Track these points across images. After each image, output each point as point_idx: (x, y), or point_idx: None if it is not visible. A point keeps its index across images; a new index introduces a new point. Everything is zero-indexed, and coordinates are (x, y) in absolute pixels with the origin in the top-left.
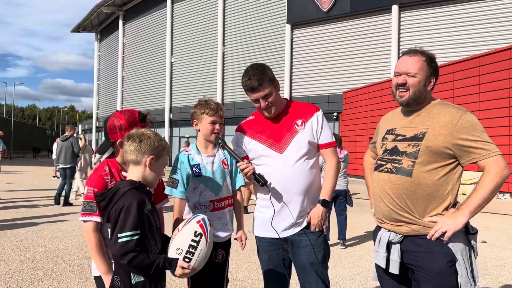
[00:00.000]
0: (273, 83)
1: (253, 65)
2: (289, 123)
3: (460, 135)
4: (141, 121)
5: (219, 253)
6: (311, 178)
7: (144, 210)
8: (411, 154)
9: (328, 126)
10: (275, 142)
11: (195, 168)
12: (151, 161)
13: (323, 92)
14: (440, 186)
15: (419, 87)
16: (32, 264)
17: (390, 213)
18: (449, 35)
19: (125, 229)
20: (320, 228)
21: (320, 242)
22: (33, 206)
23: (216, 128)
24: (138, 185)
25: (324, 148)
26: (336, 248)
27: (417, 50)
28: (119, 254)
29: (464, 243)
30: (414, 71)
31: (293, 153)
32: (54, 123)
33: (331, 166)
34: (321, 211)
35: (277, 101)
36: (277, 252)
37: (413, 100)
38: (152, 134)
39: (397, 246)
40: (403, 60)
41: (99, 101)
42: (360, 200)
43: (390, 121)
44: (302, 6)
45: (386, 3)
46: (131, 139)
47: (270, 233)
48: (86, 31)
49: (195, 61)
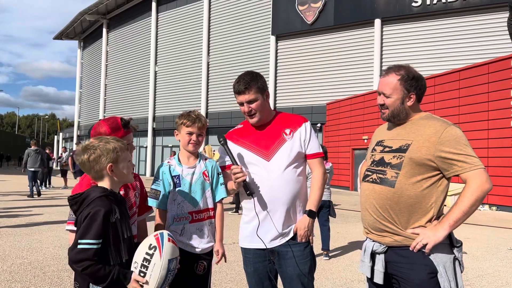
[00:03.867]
0: (261, 92)
1: (248, 71)
2: (278, 132)
3: (443, 148)
4: (124, 127)
5: (200, 265)
6: (298, 187)
7: (110, 219)
8: (395, 165)
9: (315, 137)
10: (262, 149)
11: (176, 179)
12: (111, 168)
13: (306, 103)
14: (423, 198)
15: (396, 106)
16: (10, 276)
17: (375, 223)
18: (430, 49)
19: (87, 236)
20: (306, 239)
21: (307, 253)
22: (11, 216)
23: (192, 139)
24: (108, 193)
25: (311, 158)
26: (319, 259)
27: (393, 68)
28: (75, 260)
29: (447, 255)
30: (388, 92)
31: (280, 161)
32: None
33: (318, 176)
34: (308, 222)
35: (263, 109)
36: (263, 264)
37: (393, 118)
38: (97, 142)
39: (381, 257)
40: (380, 80)
41: (80, 109)
42: (343, 211)
43: (381, 133)
44: (286, 18)
45: (369, 16)
46: (80, 158)
47: (256, 244)
48: (69, 39)
49: (179, 70)
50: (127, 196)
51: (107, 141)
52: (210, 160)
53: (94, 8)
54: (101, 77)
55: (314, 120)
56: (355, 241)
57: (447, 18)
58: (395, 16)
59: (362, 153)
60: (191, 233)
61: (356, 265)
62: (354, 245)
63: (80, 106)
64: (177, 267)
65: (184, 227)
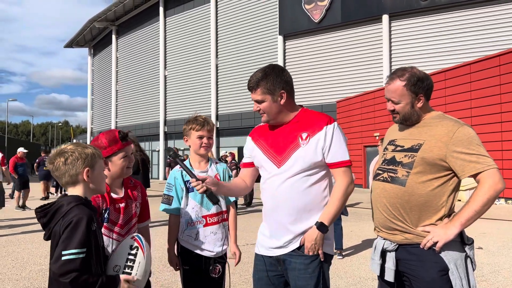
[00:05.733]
0: (270, 93)
1: (269, 66)
2: (294, 135)
3: (455, 148)
4: (122, 139)
5: (215, 268)
6: (308, 198)
7: (92, 226)
8: (407, 164)
9: (341, 142)
10: (276, 154)
11: (188, 184)
12: (88, 173)
13: (316, 102)
14: (434, 197)
15: (407, 110)
16: (29, 283)
17: (385, 222)
18: (439, 43)
19: (71, 246)
20: (314, 252)
21: (313, 268)
22: (28, 224)
23: (204, 142)
24: (84, 201)
25: (333, 168)
26: (333, 258)
27: (396, 73)
28: (61, 272)
29: (458, 252)
30: (396, 99)
31: (289, 169)
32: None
33: (338, 188)
34: (316, 235)
35: (271, 111)
36: (266, 275)
37: (405, 121)
38: (74, 147)
39: (392, 254)
40: (386, 88)
41: (93, 115)
42: (356, 209)
43: (394, 132)
44: (293, 17)
45: (376, 13)
46: (54, 162)
47: (264, 251)
48: (79, 46)
49: (188, 73)
50: (128, 207)
51: (84, 146)
52: (221, 164)
53: (103, 15)
54: (112, 83)
55: None
56: (369, 239)
57: (456, 11)
58: (403, 11)
59: (374, 150)
60: (205, 236)
61: (370, 263)
62: (367, 243)
63: (92, 113)
64: None
65: (198, 231)
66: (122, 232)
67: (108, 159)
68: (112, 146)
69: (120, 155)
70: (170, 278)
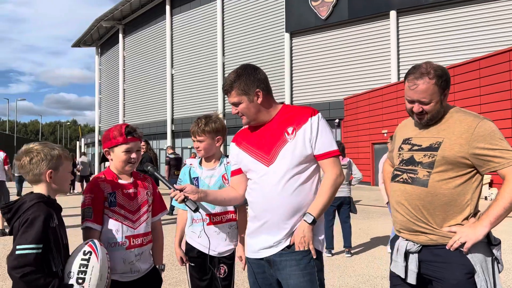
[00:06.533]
0: (246, 93)
1: (241, 66)
2: (279, 131)
3: (477, 144)
4: (127, 134)
5: (221, 268)
6: (302, 196)
7: (50, 223)
8: (427, 164)
9: (327, 133)
10: (263, 153)
11: (195, 181)
12: (51, 174)
13: (324, 99)
14: (458, 196)
15: (436, 109)
16: None
17: (407, 224)
18: (448, 38)
19: (26, 241)
20: (305, 247)
21: (305, 264)
22: None
23: (195, 147)
24: (46, 199)
25: (321, 159)
26: (341, 256)
27: (421, 72)
28: (13, 266)
29: (485, 254)
30: (428, 99)
31: (280, 167)
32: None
33: (327, 180)
34: (304, 227)
35: (249, 112)
36: (263, 276)
37: (431, 120)
38: (41, 147)
39: (415, 256)
40: (413, 87)
41: (101, 114)
42: (365, 207)
43: (406, 129)
44: (300, 14)
45: (384, 9)
46: (21, 160)
47: (252, 254)
48: (87, 46)
49: (195, 72)
50: (137, 193)
51: (52, 147)
52: None
53: (109, 14)
54: (119, 82)
55: (332, 115)
56: (377, 237)
57: (464, 6)
58: (410, 7)
59: (382, 147)
60: (208, 235)
61: (379, 262)
62: (376, 241)
63: (100, 112)
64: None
65: (202, 229)
66: (133, 218)
67: (110, 149)
68: (117, 139)
69: (122, 148)
70: (179, 276)
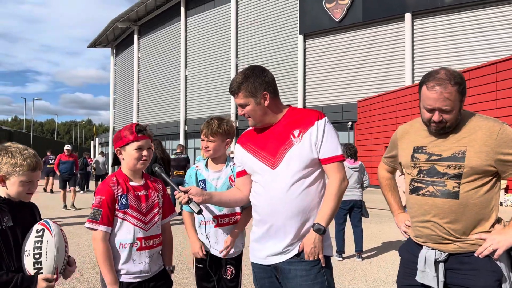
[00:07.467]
0: (253, 96)
1: (249, 68)
2: (286, 134)
3: (502, 150)
4: (137, 132)
5: (228, 269)
6: (307, 200)
7: (1, 226)
8: (455, 175)
9: (333, 137)
10: (269, 155)
11: (201, 184)
12: (3, 178)
13: (337, 101)
14: (486, 203)
15: (456, 117)
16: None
17: (436, 237)
18: (464, 41)
19: None
20: (314, 257)
21: (315, 274)
22: None
23: (203, 146)
24: (1, 201)
25: (326, 164)
26: (353, 260)
27: (441, 78)
28: None
29: (509, 260)
30: (450, 107)
31: (285, 170)
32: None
33: (331, 186)
34: (314, 238)
35: (256, 114)
36: (270, 281)
37: (449, 128)
38: (4, 152)
39: (442, 265)
40: (435, 95)
41: (115, 114)
42: (377, 211)
43: (414, 136)
44: (314, 16)
45: (399, 11)
46: None
47: (260, 260)
48: (102, 46)
49: (209, 73)
50: (149, 195)
51: (20, 154)
52: None
53: (125, 16)
54: (133, 83)
55: (345, 118)
56: (389, 242)
57: (481, 9)
58: (426, 10)
59: None
60: (216, 237)
61: (390, 267)
62: (387, 245)
63: (114, 112)
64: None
65: (210, 230)
66: (145, 220)
67: (122, 148)
68: (128, 137)
69: (133, 145)
70: (188, 277)
